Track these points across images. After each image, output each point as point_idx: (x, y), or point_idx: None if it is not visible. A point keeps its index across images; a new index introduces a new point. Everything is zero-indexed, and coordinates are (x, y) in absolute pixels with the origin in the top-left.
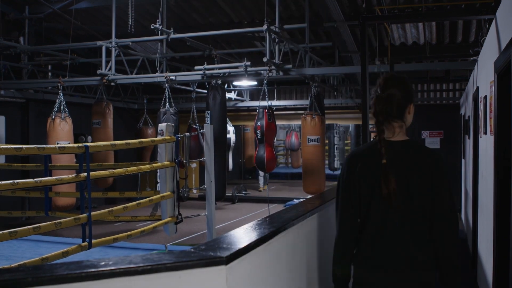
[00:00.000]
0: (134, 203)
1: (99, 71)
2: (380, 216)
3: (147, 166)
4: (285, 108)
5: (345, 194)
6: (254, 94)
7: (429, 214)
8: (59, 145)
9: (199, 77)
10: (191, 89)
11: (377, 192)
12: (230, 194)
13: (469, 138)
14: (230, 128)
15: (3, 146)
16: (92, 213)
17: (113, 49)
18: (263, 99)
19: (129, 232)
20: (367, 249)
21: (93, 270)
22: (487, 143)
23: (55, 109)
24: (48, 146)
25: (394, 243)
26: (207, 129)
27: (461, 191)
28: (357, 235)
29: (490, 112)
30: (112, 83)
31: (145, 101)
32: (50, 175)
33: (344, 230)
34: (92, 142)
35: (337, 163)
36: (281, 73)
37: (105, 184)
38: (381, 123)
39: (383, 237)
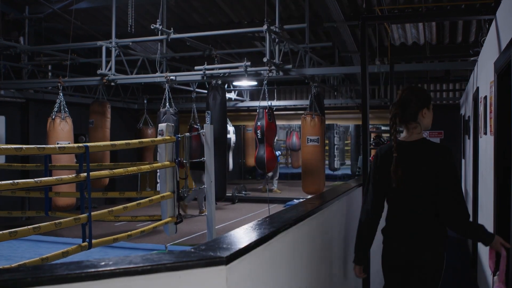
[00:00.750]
0: (134, 203)
1: (99, 71)
2: (396, 199)
3: (147, 166)
4: (285, 108)
5: (371, 182)
6: (254, 94)
7: (436, 199)
8: (59, 145)
9: (199, 77)
10: (191, 89)
11: (390, 179)
12: (230, 194)
13: (469, 138)
14: (230, 128)
15: (3, 146)
16: (92, 213)
17: (113, 49)
18: (263, 99)
19: (129, 232)
20: (391, 224)
21: (93, 270)
22: (487, 143)
23: (55, 109)
24: (48, 146)
25: (408, 221)
26: (207, 129)
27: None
28: (380, 212)
29: (490, 112)
30: (112, 83)
31: (145, 101)
32: (50, 175)
33: (372, 206)
34: (88, 141)
35: (337, 163)
36: (281, 73)
37: (100, 184)
38: (395, 124)
39: (400, 215)
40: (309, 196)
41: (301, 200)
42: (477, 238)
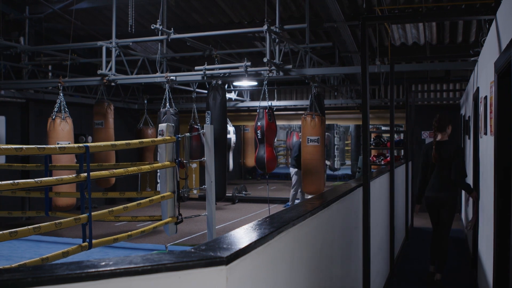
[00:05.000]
0: (135, 203)
1: (99, 71)
2: (433, 170)
3: (147, 166)
4: (285, 108)
5: (422, 162)
6: (254, 94)
7: (451, 169)
8: (59, 145)
9: (199, 77)
10: (192, 89)
11: (431, 160)
12: (231, 195)
13: (469, 138)
14: (231, 128)
15: (3, 146)
16: (92, 213)
17: (113, 49)
18: (263, 99)
19: (129, 232)
20: (429, 183)
21: (93, 270)
22: (487, 143)
23: (56, 109)
24: (48, 146)
25: (437, 180)
26: (208, 130)
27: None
28: (425, 177)
29: (491, 112)
30: (113, 83)
31: (145, 101)
32: (51, 175)
33: (422, 175)
34: (93, 142)
35: (337, 164)
36: (281, 73)
37: (106, 184)
38: (436, 132)
39: (433, 178)
40: (309, 196)
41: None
42: (466, 190)
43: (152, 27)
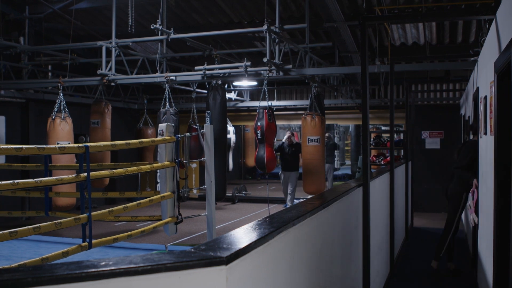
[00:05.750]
0: (134, 203)
1: (99, 71)
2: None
3: (147, 166)
4: (285, 108)
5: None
6: (254, 94)
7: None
8: (59, 145)
9: (199, 77)
10: (191, 89)
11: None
12: (230, 194)
13: (469, 138)
14: (230, 128)
15: (3, 146)
16: (92, 213)
17: (113, 49)
18: (263, 99)
19: (129, 232)
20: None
21: (93, 270)
22: (487, 143)
23: (55, 109)
24: (48, 146)
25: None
26: (207, 129)
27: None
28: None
29: (490, 112)
30: (112, 83)
31: (145, 101)
32: (50, 175)
33: None
34: (90, 142)
35: (337, 163)
36: (281, 73)
37: (101, 184)
38: (473, 134)
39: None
40: (310, 196)
41: (301, 200)
42: (465, 179)
43: (152, 27)
